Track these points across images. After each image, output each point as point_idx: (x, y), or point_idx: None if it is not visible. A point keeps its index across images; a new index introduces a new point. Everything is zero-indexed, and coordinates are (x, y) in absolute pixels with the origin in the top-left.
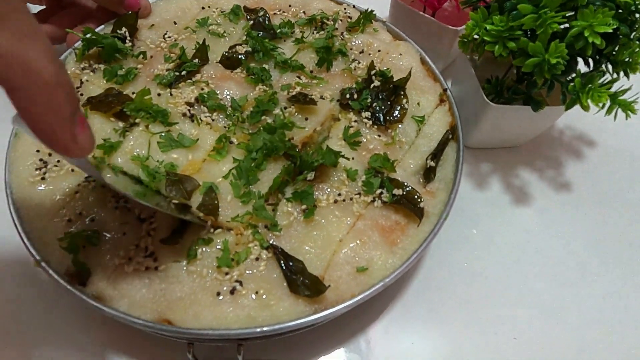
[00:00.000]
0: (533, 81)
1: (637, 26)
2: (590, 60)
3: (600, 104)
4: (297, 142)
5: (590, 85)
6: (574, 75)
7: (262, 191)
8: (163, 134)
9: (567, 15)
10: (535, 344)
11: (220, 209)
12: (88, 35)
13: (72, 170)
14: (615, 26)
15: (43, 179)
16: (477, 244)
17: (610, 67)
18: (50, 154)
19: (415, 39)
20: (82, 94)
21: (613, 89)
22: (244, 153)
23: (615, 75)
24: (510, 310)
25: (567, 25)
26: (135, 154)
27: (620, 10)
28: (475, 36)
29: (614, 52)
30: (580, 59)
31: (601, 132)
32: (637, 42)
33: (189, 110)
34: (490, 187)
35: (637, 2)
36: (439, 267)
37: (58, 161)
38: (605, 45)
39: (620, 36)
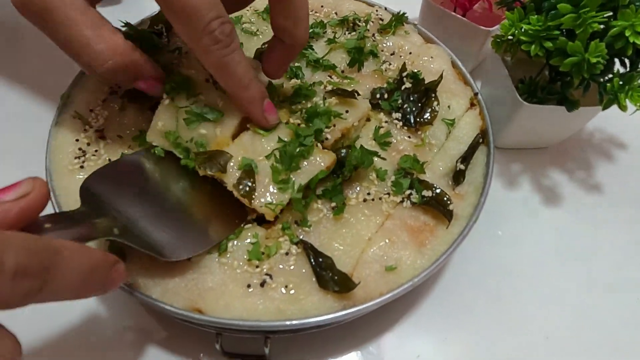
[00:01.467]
0: (568, 81)
1: None
2: (627, 61)
3: (639, 104)
4: (337, 130)
5: (628, 85)
6: (611, 75)
7: (301, 182)
8: (187, 108)
9: (607, 15)
10: (568, 343)
11: (255, 192)
12: (125, 29)
13: (109, 159)
14: None
15: (82, 167)
16: (507, 244)
17: None
18: (88, 144)
19: (445, 40)
20: (119, 87)
21: None
22: (292, 135)
23: None
24: (541, 309)
25: (604, 25)
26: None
27: None
28: (510, 36)
29: None
30: (616, 60)
31: (631, 133)
32: None
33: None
34: (521, 187)
35: None
36: (468, 266)
37: (96, 150)
38: None
39: None
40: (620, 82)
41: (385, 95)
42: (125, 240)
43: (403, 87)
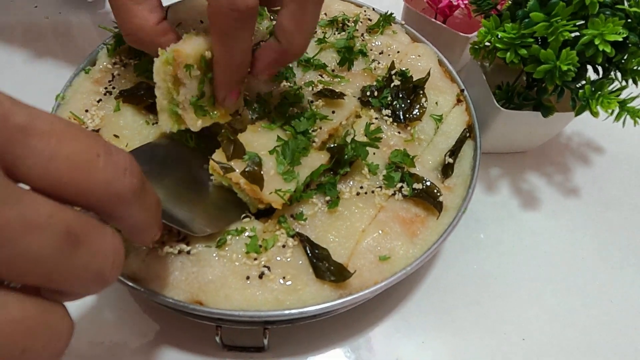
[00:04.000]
0: (543, 87)
1: None
2: (600, 68)
3: (610, 111)
4: (324, 132)
5: (599, 92)
6: (583, 82)
7: (303, 175)
8: None
9: (578, 23)
10: (544, 344)
11: (263, 181)
12: (119, 31)
13: None
14: (625, 35)
15: None
16: (486, 247)
17: (619, 74)
18: None
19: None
20: (114, 87)
21: (622, 96)
22: (290, 136)
23: (624, 83)
24: (519, 312)
25: (577, 33)
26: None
27: (630, 20)
28: (487, 43)
29: (623, 61)
30: (589, 67)
31: (608, 138)
32: None
33: None
34: (500, 191)
35: None
36: (449, 269)
37: None
38: (614, 54)
39: (630, 45)
40: (592, 89)
41: (375, 93)
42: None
43: (392, 85)
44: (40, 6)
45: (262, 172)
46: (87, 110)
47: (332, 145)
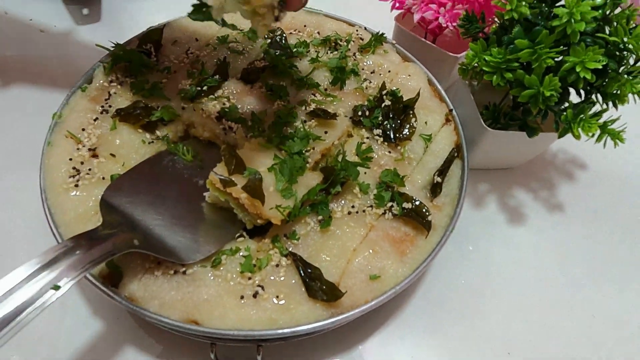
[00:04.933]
0: (528, 109)
1: (624, 62)
2: (582, 91)
3: (591, 134)
4: (317, 152)
5: (581, 116)
6: (566, 104)
7: (300, 193)
8: None
9: (560, 51)
10: (529, 359)
11: (263, 197)
12: (115, 49)
13: (103, 178)
14: (604, 62)
15: (76, 185)
16: (474, 262)
17: (600, 97)
18: (82, 162)
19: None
20: (110, 106)
21: (603, 119)
22: (284, 154)
23: (604, 106)
24: (505, 326)
25: (560, 58)
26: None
27: (610, 46)
28: (475, 64)
29: (604, 84)
30: (572, 90)
31: (591, 154)
32: (625, 76)
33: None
34: (487, 206)
35: (625, 41)
36: (438, 284)
37: (89, 169)
38: (595, 79)
39: (610, 70)
40: (574, 113)
41: (367, 113)
42: (146, 250)
43: (383, 105)
44: (35, 19)
45: (261, 189)
46: (83, 129)
47: (325, 166)
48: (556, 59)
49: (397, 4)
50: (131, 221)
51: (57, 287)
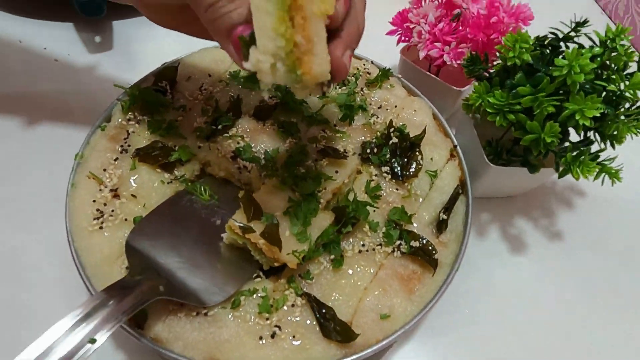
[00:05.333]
0: (529, 149)
1: (621, 106)
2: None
3: (588, 176)
4: (329, 192)
5: (581, 158)
6: (567, 144)
7: (314, 236)
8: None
9: (561, 98)
10: None
11: (281, 242)
12: (132, 90)
13: (126, 219)
14: (602, 110)
15: (101, 227)
16: (478, 291)
17: (598, 137)
18: (105, 204)
19: (422, 94)
20: (129, 145)
21: (601, 157)
22: (299, 196)
23: (602, 146)
24: (507, 355)
25: (559, 104)
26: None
27: (608, 93)
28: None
29: (602, 126)
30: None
31: (590, 182)
32: (622, 118)
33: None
34: (490, 236)
35: (622, 89)
36: (442, 314)
37: (112, 210)
38: (593, 123)
39: (608, 114)
40: (573, 156)
41: (375, 150)
42: (171, 296)
43: (390, 142)
44: (48, 47)
45: (278, 234)
46: (105, 170)
47: (336, 206)
48: (556, 105)
49: (403, 38)
50: (155, 266)
51: (93, 341)
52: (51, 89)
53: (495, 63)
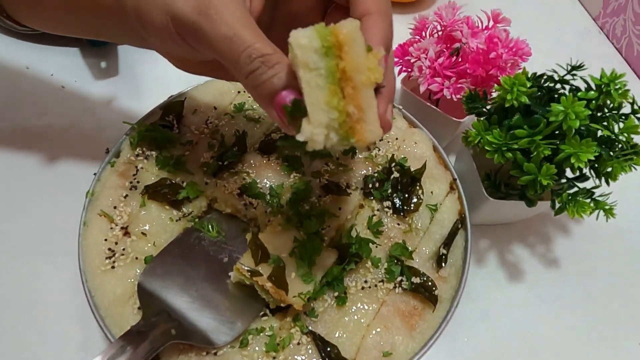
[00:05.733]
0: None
1: (615, 148)
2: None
3: (583, 216)
4: (332, 229)
5: (577, 198)
6: (563, 181)
7: (320, 274)
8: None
9: (557, 140)
10: None
11: (288, 285)
12: (140, 128)
13: (136, 258)
14: (597, 153)
15: (113, 267)
16: (476, 319)
17: (593, 173)
18: (116, 242)
19: (421, 123)
20: (138, 182)
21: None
22: (304, 235)
23: (597, 182)
24: None
25: (555, 147)
26: None
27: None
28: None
29: (596, 165)
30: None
31: None
32: (616, 159)
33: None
34: (488, 263)
35: (616, 132)
36: (441, 344)
37: (123, 249)
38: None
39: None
40: (569, 197)
41: (377, 184)
42: (183, 339)
43: (392, 177)
44: (55, 74)
45: (284, 277)
46: (115, 207)
47: (339, 244)
48: (553, 146)
49: (404, 69)
50: (167, 308)
51: None
52: (60, 120)
53: (493, 95)
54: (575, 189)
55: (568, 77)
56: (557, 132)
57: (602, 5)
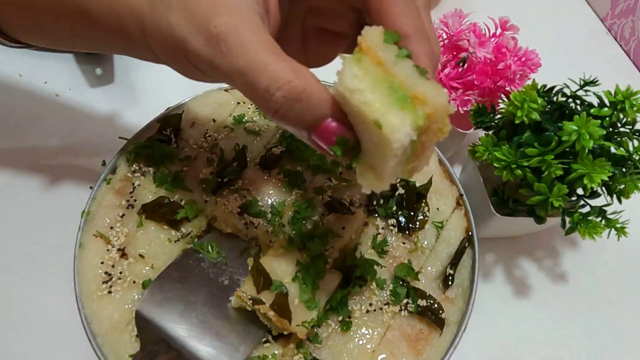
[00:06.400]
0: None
1: (629, 166)
2: None
3: (595, 238)
4: (336, 250)
5: (589, 217)
6: (574, 199)
7: (324, 300)
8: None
9: (569, 160)
10: None
11: (291, 313)
12: (137, 143)
13: (134, 282)
14: (610, 174)
15: (110, 292)
16: (483, 337)
17: (605, 190)
18: (113, 265)
19: None
20: (135, 200)
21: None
22: (306, 258)
23: (609, 200)
24: None
25: (567, 167)
26: None
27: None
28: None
29: (609, 182)
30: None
31: None
32: (628, 177)
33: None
34: (495, 278)
35: (630, 151)
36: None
37: (120, 272)
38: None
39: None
40: (580, 217)
41: (381, 201)
42: None
43: (397, 193)
44: (49, 81)
45: (287, 305)
46: (112, 227)
47: (344, 265)
48: (564, 165)
49: None
50: (166, 337)
51: None
52: (54, 130)
53: (500, 106)
54: (587, 207)
55: (580, 92)
56: (567, 148)
57: (610, 6)
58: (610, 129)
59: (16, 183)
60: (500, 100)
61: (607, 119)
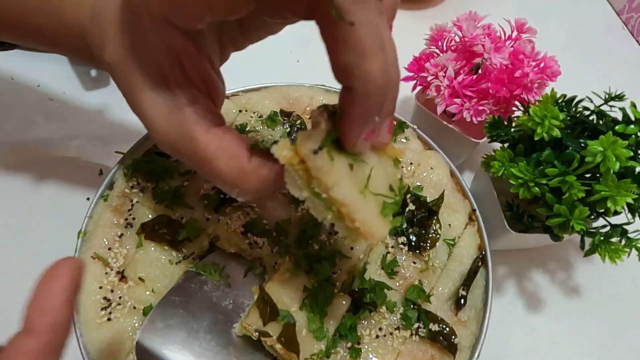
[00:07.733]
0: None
1: None
2: None
3: (615, 261)
4: (344, 272)
5: (608, 243)
6: (593, 216)
7: (333, 328)
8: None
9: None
10: None
11: (299, 346)
12: (136, 158)
13: (134, 307)
14: (636, 196)
15: (109, 319)
16: (494, 352)
17: (626, 208)
18: (112, 290)
19: (437, 142)
20: (134, 218)
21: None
22: (312, 282)
23: (630, 218)
24: None
25: (588, 188)
26: None
27: None
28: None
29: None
30: None
31: None
32: None
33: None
34: (507, 291)
35: None
36: None
37: (120, 297)
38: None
39: None
40: (601, 238)
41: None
42: None
43: (407, 209)
44: (42, 84)
45: (295, 336)
46: (110, 249)
47: (353, 290)
48: (586, 186)
49: (419, 83)
50: None
51: None
52: (48, 137)
53: (516, 114)
54: (607, 227)
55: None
56: (590, 182)
57: None
58: (634, 147)
59: (5, 190)
60: (514, 108)
61: (633, 137)
